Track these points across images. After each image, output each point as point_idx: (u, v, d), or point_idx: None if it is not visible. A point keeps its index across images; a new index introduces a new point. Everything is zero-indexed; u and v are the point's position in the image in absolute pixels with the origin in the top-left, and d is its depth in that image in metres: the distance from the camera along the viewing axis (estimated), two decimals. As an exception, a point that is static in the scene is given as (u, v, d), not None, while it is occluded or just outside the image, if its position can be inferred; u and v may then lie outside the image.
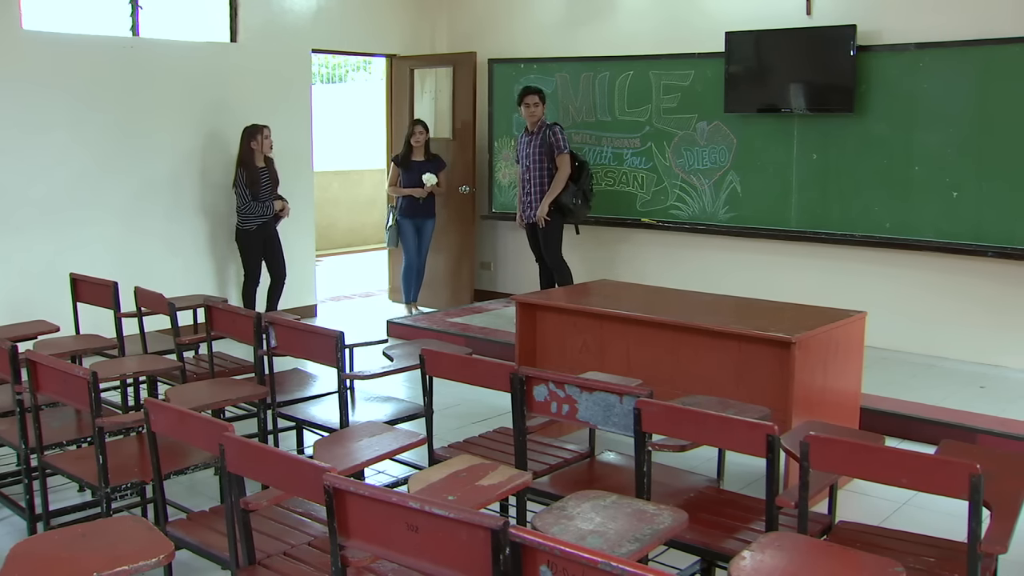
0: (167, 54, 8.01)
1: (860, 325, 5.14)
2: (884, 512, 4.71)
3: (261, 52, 8.61)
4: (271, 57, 8.69)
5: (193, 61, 8.18)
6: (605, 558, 2.00)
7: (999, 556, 2.91)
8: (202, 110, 8.25)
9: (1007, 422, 5.72)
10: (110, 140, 7.68)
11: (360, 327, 8.55)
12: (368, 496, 2.44)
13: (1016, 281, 6.95)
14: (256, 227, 8.06)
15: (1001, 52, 6.80)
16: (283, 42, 8.79)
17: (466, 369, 3.92)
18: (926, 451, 3.28)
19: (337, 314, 9.52)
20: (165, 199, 8.08)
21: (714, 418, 3.12)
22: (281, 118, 8.76)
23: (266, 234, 8.15)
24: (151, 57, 7.90)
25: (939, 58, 7.09)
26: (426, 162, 8.91)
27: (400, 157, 8.99)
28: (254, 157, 7.98)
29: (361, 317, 9.40)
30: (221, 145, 8.37)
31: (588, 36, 8.91)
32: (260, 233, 8.10)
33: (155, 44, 7.97)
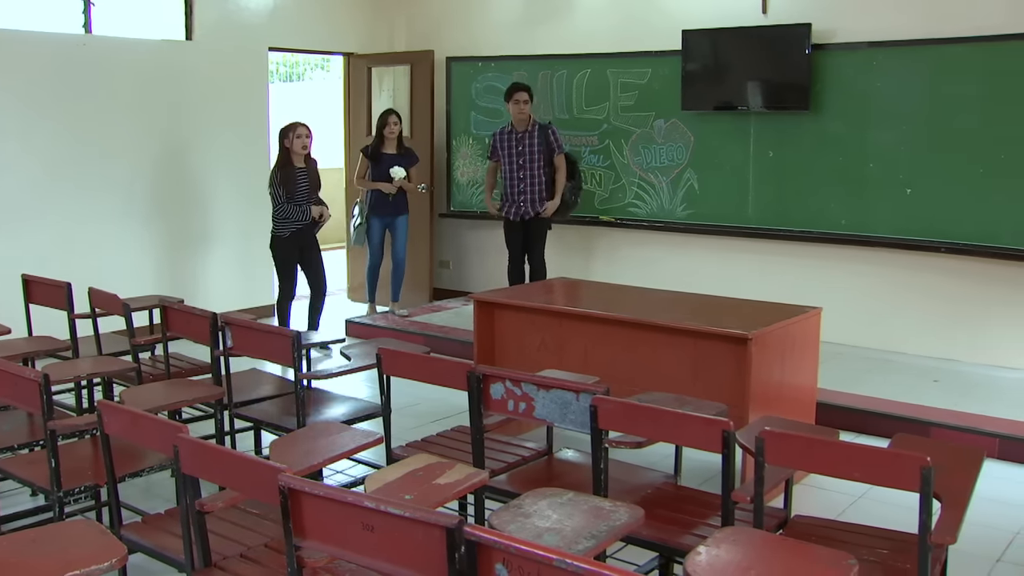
0: (121, 52, 7.92)
1: (816, 321, 5.19)
2: (840, 506, 4.75)
3: (217, 50, 8.54)
4: (227, 55, 8.62)
5: (147, 59, 8.10)
6: (560, 555, 2.01)
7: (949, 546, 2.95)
8: (157, 109, 8.16)
9: (960, 415, 5.80)
10: (61, 140, 7.58)
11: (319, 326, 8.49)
12: (323, 496, 2.43)
13: (968, 276, 7.05)
14: (290, 234, 7.42)
15: (951, 51, 6.89)
16: (239, 40, 8.72)
17: (423, 368, 3.92)
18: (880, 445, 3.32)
19: (295, 314, 9.43)
20: (119, 199, 7.98)
21: (670, 414, 3.14)
22: (238, 117, 8.72)
23: (302, 242, 7.52)
24: (104, 55, 7.81)
25: (891, 57, 7.17)
26: (398, 155, 8.54)
27: (370, 148, 8.62)
28: (291, 157, 7.44)
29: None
30: (176, 144, 8.29)
31: (546, 34, 8.92)
32: (295, 240, 7.46)
33: (108, 42, 7.88)
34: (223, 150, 8.65)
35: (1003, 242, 6.75)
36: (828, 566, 2.46)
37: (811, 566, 2.50)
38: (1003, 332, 6.97)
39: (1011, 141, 6.69)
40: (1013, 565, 4.21)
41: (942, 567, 3.07)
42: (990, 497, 4.88)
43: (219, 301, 8.13)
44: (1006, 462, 5.43)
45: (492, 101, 9.16)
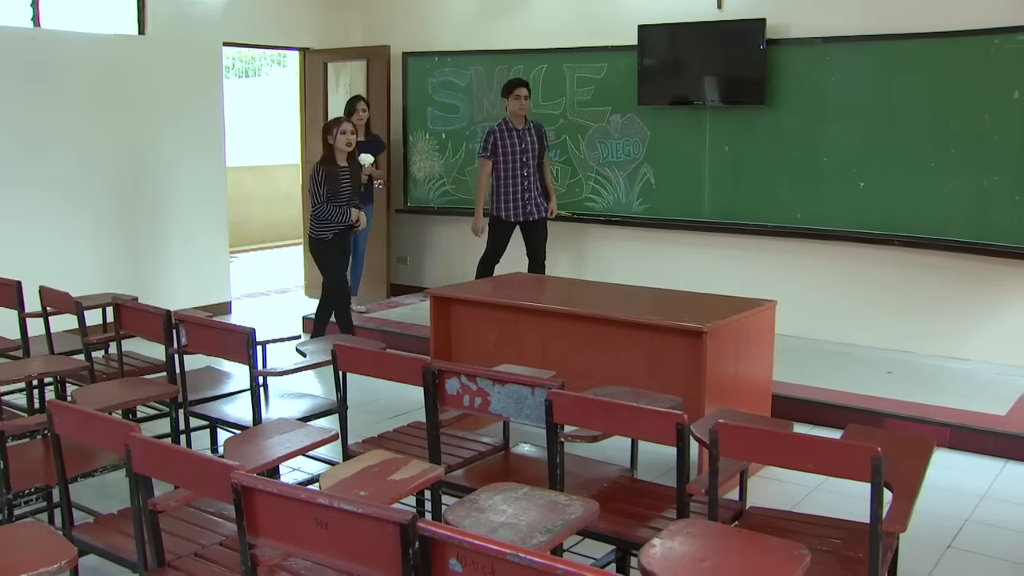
0: (71, 46, 7.81)
1: (771, 314, 5.23)
2: (796, 497, 4.80)
3: (170, 45, 8.46)
4: (181, 50, 8.54)
5: (99, 54, 7.99)
6: (514, 549, 2.01)
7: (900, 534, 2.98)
8: (109, 104, 8.06)
9: (913, 406, 5.88)
10: (9, 136, 7.47)
11: (276, 323, 8.45)
12: (277, 493, 2.41)
13: (921, 269, 7.14)
14: (332, 236, 7.03)
15: (903, 47, 6.97)
16: (193, 34, 8.64)
17: (379, 364, 3.90)
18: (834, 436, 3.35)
19: (252, 311, 9.40)
20: (71, 196, 7.87)
21: (625, 408, 3.15)
22: (192, 113, 8.64)
23: (344, 243, 7.19)
24: (53, 49, 7.69)
25: (845, 52, 7.24)
26: (366, 142, 8.39)
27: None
28: (334, 154, 7.03)
29: (277, 313, 9.29)
30: (129, 141, 8.20)
31: (502, 29, 8.92)
32: (338, 242, 7.09)
33: (58, 36, 7.77)
34: (177, 146, 8.56)
35: (955, 235, 6.84)
36: (781, 556, 2.48)
37: (764, 557, 2.52)
38: (955, 324, 7.07)
39: (961, 135, 6.78)
40: (963, 551, 4.27)
41: (893, 555, 3.11)
42: (941, 485, 4.96)
43: (174, 299, 8.07)
44: (957, 451, 5.51)
45: (448, 96, 9.14)
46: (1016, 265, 6.72)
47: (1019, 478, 5.16)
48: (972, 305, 7.00)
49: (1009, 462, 5.36)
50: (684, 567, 2.39)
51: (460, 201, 9.14)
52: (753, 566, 2.48)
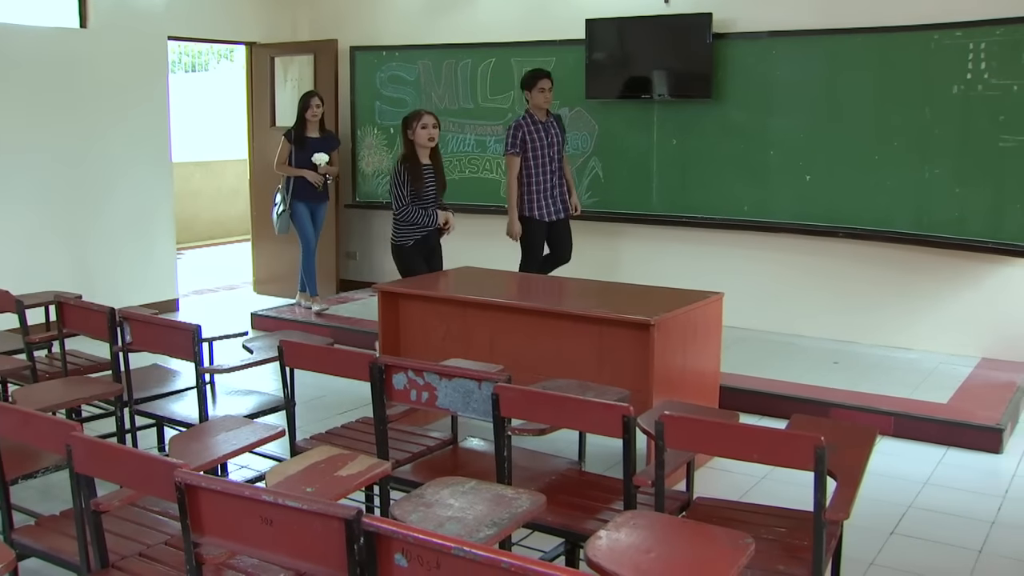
0: (8, 39, 7.65)
1: (718, 306, 5.27)
2: (743, 487, 4.85)
3: (113, 39, 8.33)
4: (124, 44, 8.42)
5: (38, 47, 7.84)
6: (458, 543, 2.01)
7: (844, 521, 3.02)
8: (50, 99, 7.92)
9: (858, 395, 5.97)
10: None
11: (224, 320, 8.38)
12: (221, 491, 2.40)
13: (865, 261, 7.24)
14: (413, 242, 6.50)
15: (847, 42, 7.06)
16: (137, 28, 8.51)
17: (325, 359, 3.89)
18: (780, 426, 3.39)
19: (200, 308, 9.31)
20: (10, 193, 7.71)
21: (572, 401, 3.16)
22: (137, 108, 8.53)
23: (427, 250, 6.62)
24: (-8, 43, 7.56)
25: (790, 46, 7.31)
26: (321, 139, 8.34)
27: (293, 133, 8.32)
28: (416, 151, 6.47)
29: (225, 310, 9.21)
30: (71, 136, 8.07)
31: (450, 23, 8.90)
32: (419, 249, 6.56)
33: (-4, 29, 7.64)
34: (122, 141, 8.44)
35: (898, 227, 6.94)
36: (725, 546, 2.50)
37: (709, 546, 2.54)
38: (898, 315, 7.18)
39: (903, 129, 6.87)
40: (906, 537, 4.34)
41: (838, 542, 3.15)
42: (885, 473, 5.04)
43: (120, 296, 7.94)
44: (900, 439, 5.60)
45: (396, 91, 9.10)
46: (957, 256, 6.84)
47: (960, 464, 5.25)
48: (915, 296, 7.11)
49: (950, 449, 5.45)
50: (629, 558, 2.41)
51: (409, 196, 9.10)
52: (698, 556, 2.50)
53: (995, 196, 6.53)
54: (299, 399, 4.09)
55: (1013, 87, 6.34)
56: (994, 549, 4.24)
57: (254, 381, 6.16)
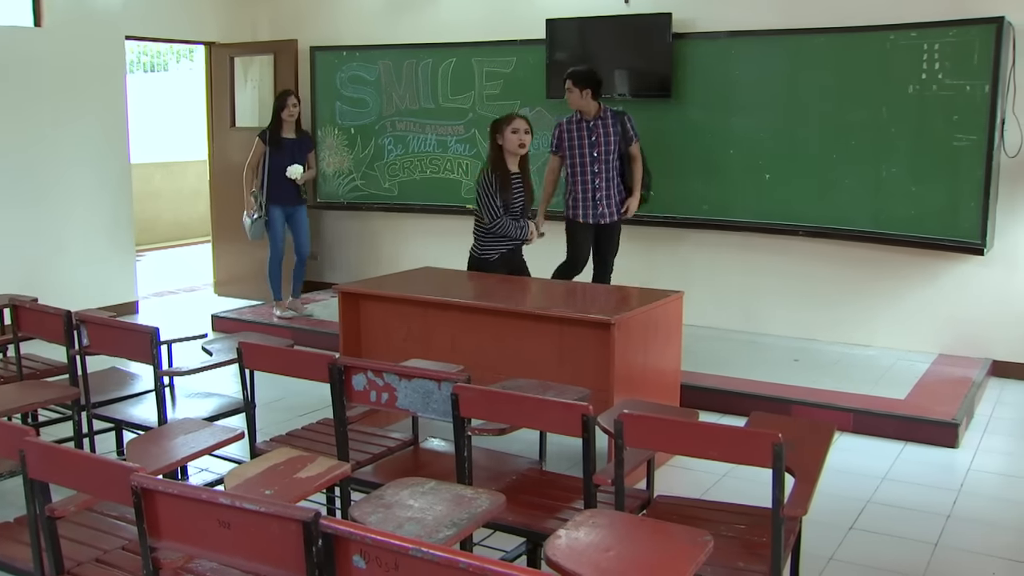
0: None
1: (678, 305, 5.29)
2: (705, 485, 4.87)
3: (69, 38, 8.23)
4: (81, 44, 8.32)
5: (-8, 47, 7.76)
6: (416, 544, 2.01)
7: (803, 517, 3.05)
8: (2, 100, 7.80)
9: (818, 392, 6.02)
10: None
11: (185, 322, 8.32)
12: (177, 495, 2.38)
13: (825, 259, 7.30)
14: (499, 256, 6.09)
15: (805, 42, 7.12)
16: (93, 28, 8.42)
17: (285, 361, 3.87)
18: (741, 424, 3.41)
19: (160, 310, 9.23)
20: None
21: (531, 401, 3.16)
22: (94, 108, 8.44)
23: (512, 265, 6.17)
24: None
25: (749, 46, 7.36)
26: (297, 140, 8.09)
27: (268, 133, 8.02)
28: (504, 157, 6.03)
29: (186, 312, 9.14)
30: (27, 136, 7.97)
31: (411, 23, 8.88)
32: (504, 264, 6.10)
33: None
34: (79, 142, 8.35)
35: (856, 225, 7.00)
36: (684, 543, 2.52)
37: (668, 544, 2.55)
38: (857, 312, 7.25)
39: (861, 127, 6.94)
40: (864, 532, 4.39)
41: (796, 538, 3.17)
42: (844, 469, 5.09)
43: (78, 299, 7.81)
44: (860, 435, 5.66)
45: (357, 91, 9.07)
46: (913, 254, 6.92)
47: (917, 460, 5.31)
48: (873, 293, 7.18)
49: (908, 444, 5.52)
50: (588, 557, 2.41)
51: (370, 196, 9.08)
52: (657, 553, 2.51)
53: (950, 194, 6.61)
54: (260, 401, 4.07)
55: (966, 87, 6.43)
56: (949, 542, 4.29)
57: (215, 383, 6.11)
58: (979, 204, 6.42)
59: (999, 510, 4.67)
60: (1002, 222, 6.67)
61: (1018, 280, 6.73)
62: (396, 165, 8.96)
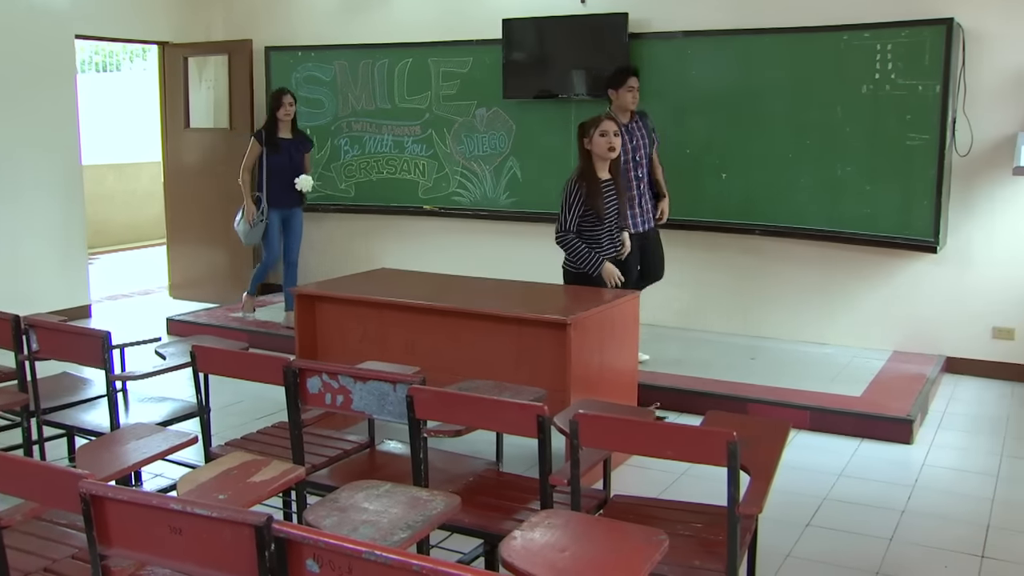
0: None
1: (634, 304, 5.30)
2: (663, 484, 4.88)
3: (17, 37, 8.08)
4: (29, 42, 8.17)
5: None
6: (369, 547, 1.99)
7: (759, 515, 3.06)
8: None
9: (775, 390, 6.05)
10: None
11: (139, 326, 8.22)
12: (128, 501, 2.34)
13: (781, 257, 7.35)
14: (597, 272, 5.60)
15: (759, 42, 7.16)
16: (42, 26, 8.27)
17: (239, 364, 3.83)
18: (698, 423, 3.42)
19: (114, 314, 9.11)
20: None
21: (486, 402, 3.15)
22: (43, 108, 8.31)
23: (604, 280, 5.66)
24: None
25: (705, 46, 7.40)
26: (294, 140, 7.81)
27: (264, 133, 7.73)
28: (593, 163, 5.58)
29: (140, 315, 9.02)
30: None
31: (366, 23, 8.84)
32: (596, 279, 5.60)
33: None
34: (28, 143, 8.20)
35: (812, 223, 7.06)
36: (640, 542, 2.52)
37: (623, 543, 2.55)
38: (814, 310, 7.31)
39: (816, 127, 7.00)
40: (821, 529, 4.42)
41: (753, 535, 3.19)
42: (801, 466, 5.12)
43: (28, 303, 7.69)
44: (816, 432, 5.70)
45: (313, 91, 9.00)
46: (868, 252, 6.99)
47: (873, 456, 5.36)
48: (829, 291, 7.24)
49: (864, 441, 5.56)
50: (544, 558, 2.40)
51: (327, 197, 9.02)
52: (612, 553, 2.50)
53: (903, 193, 6.68)
54: (217, 404, 4.03)
55: (918, 87, 6.50)
56: (904, 536, 4.33)
57: (171, 388, 6.05)
58: (932, 203, 6.49)
59: (952, 504, 4.72)
60: (954, 220, 6.75)
61: (970, 278, 6.81)
62: (353, 166, 8.91)
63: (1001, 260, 6.71)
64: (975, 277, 6.80)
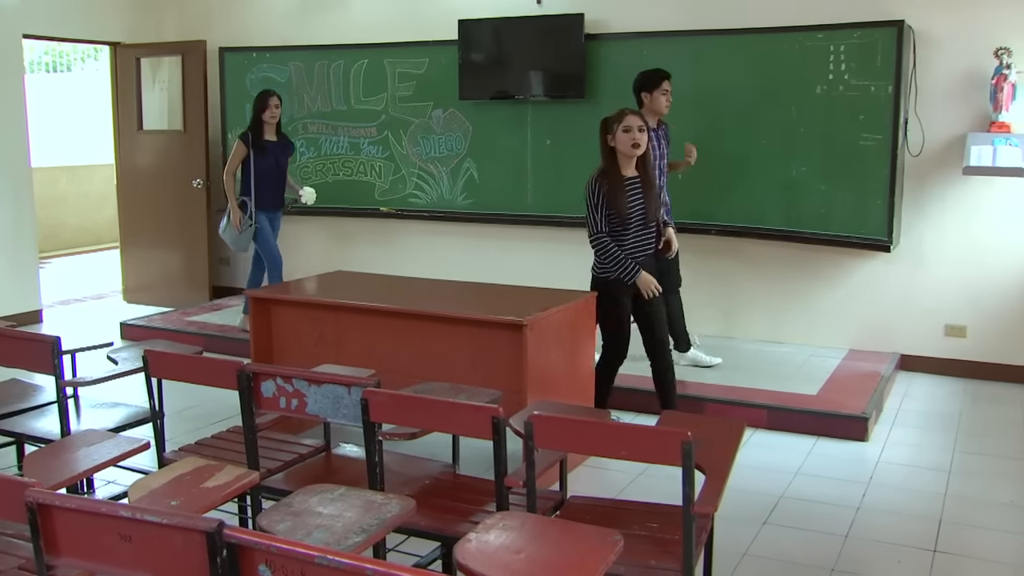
0: None
1: (591, 305, 5.30)
2: (621, 484, 4.89)
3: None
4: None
5: None
6: (322, 552, 1.97)
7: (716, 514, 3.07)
8: None
9: (732, 390, 6.09)
10: None
11: (92, 331, 8.11)
12: (76, 509, 2.31)
13: (737, 257, 7.39)
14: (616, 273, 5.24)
15: (714, 42, 7.20)
16: (-11, 27, 8.17)
17: (192, 369, 3.78)
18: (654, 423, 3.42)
19: (66, 319, 8.99)
20: None
21: (441, 404, 3.14)
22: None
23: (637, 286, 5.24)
24: None
25: (661, 46, 7.41)
26: (279, 142, 7.56)
27: (250, 135, 7.46)
28: (617, 159, 5.17)
29: (93, 320, 8.91)
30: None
31: (322, 24, 8.78)
32: (626, 284, 5.21)
33: None
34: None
35: (768, 223, 7.10)
36: (595, 543, 2.51)
37: (578, 544, 2.55)
38: (770, 309, 7.36)
39: (771, 127, 7.04)
40: (778, 526, 4.44)
41: (709, 534, 3.20)
42: (758, 465, 5.15)
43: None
44: (773, 431, 5.73)
45: (268, 93, 8.93)
46: (823, 251, 7.04)
47: (829, 454, 5.40)
48: (785, 291, 7.30)
49: (820, 439, 5.61)
50: (498, 560, 2.39)
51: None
52: (567, 554, 2.50)
53: (857, 193, 6.74)
54: (172, 409, 3.98)
55: (871, 88, 6.57)
56: (860, 533, 4.36)
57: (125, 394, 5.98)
58: (885, 202, 6.56)
59: (906, 500, 4.77)
60: (907, 220, 6.82)
61: (923, 276, 6.89)
62: (309, 168, 8.85)
63: (952, 259, 6.79)
64: (927, 276, 6.88)
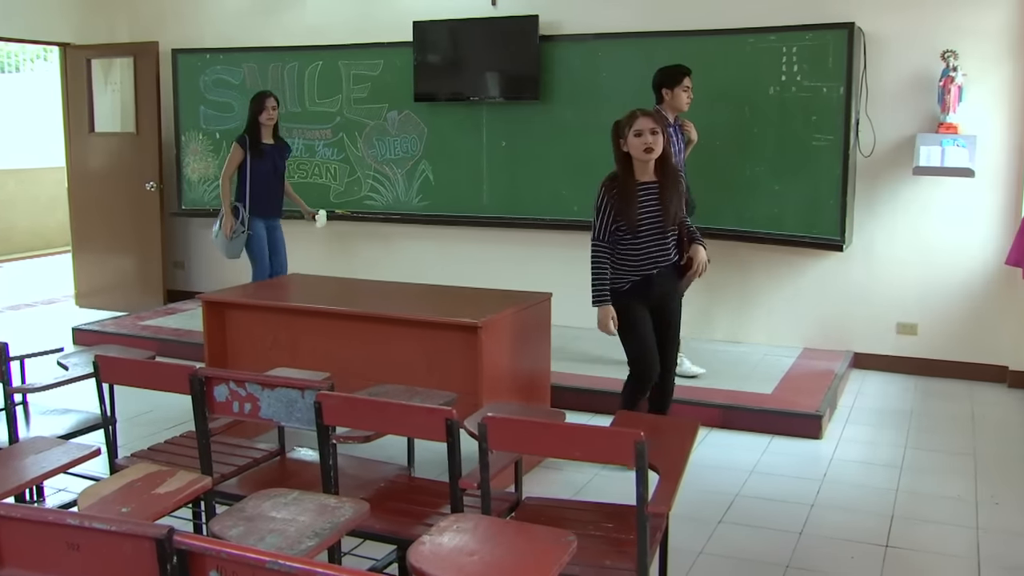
0: None
1: (547, 306, 5.32)
2: (578, 485, 4.90)
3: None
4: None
5: None
6: (273, 557, 1.96)
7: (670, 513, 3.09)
8: None
9: (688, 389, 6.11)
10: None
11: (43, 336, 8.00)
12: (20, 518, 2.27)
13: (691, 257, 7.42)
14: (630, 285, 4.87)
15: (667, 44, 7.21)
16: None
17: (144, 373, 3.74)
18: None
19: (16, 324, 8.86)
20: None
21: (395, 406, 3.13)
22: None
23: (655, 300, 4.91)
24: None
25: (615, 48, 7.46)
26: (276, 145, 7.27)
27: (248, 139, 7.11)
28: (631, 165, 4.79)
29: (44, 325, 8.79)
30: None
31: (276, 26, 8.73)
32: (641, 293, 4.85)
33: None
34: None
35: (722, 224, 7.14)
36: (548, 544, 2.52)
37: (532, 546, 2.55)
38: (726, 309, 7.41)
39: (725, 128, 7.08)
40: (733, 525, 4.47)
41: (663, 534, 3.21)
42: (713, 464, 5.19)
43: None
44: (729, 430, 5.77)
45: (222, 95, 8.87)
46: (777, 251, 7.11)
47: (783, 452, 5.45)
48: (740, 290, 7.35)
49: (775, 437, 5.65)
50: (452, 562, 2.39)
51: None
52: (520, 555, 2.50)
53: (810, 193, 6.81)
54: (125, 415, 3.93)
55: (822, 89, 6.64)
56: (814, 530, 4.41)
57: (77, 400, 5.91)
58: (837, 202, 6.63)
59: (859, 497, 4.82)
60: (859, 219, 6.90)
61: (875, 275, 6.97)
62: (263, 170, 8.78)
63: (903, 257, 6.88)
64: (879, 274, 6.96)
